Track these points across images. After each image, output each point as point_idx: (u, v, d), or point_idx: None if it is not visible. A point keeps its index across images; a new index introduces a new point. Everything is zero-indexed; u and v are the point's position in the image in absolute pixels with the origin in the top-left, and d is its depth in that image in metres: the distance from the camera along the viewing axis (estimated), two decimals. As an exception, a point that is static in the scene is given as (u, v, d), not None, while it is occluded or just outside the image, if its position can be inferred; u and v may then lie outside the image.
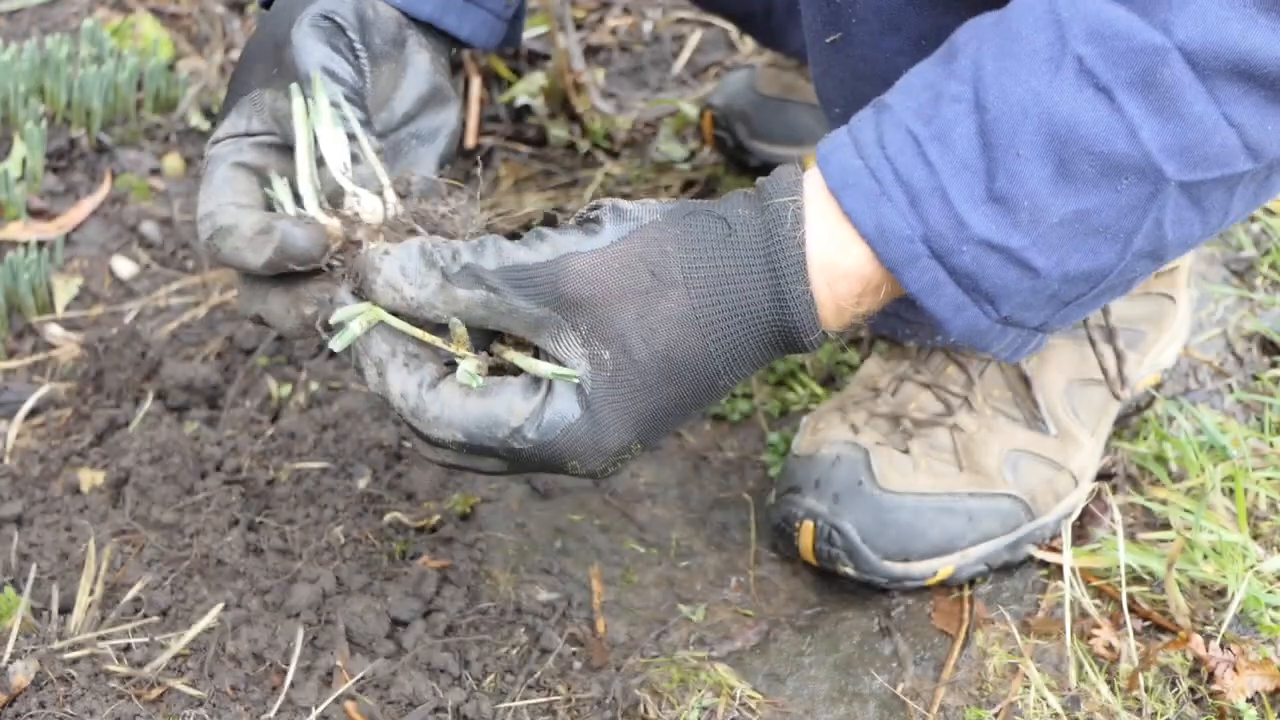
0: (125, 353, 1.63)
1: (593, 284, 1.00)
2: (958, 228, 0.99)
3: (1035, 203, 0.98)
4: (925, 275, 1.01)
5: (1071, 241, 1.00)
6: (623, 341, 1.00)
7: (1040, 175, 0.98)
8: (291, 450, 1.55)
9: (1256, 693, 1.37)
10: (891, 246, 1.00)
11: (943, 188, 0.99)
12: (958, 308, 1.02)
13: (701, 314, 1.01)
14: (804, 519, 1.44)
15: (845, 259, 1.02)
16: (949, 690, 1.39)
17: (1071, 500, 1.51)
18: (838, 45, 1.31)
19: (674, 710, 1.34)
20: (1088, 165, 0.98)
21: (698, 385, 1.03)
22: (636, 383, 1.01)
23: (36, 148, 1.93)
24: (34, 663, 1.28)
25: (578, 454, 1.02)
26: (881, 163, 1.00)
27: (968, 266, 1.00)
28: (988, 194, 0.99)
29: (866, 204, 1.00)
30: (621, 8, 2.47)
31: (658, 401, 1.02)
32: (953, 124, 0.99)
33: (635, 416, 1.02)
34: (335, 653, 1.33)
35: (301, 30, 1.17)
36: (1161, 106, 0.97)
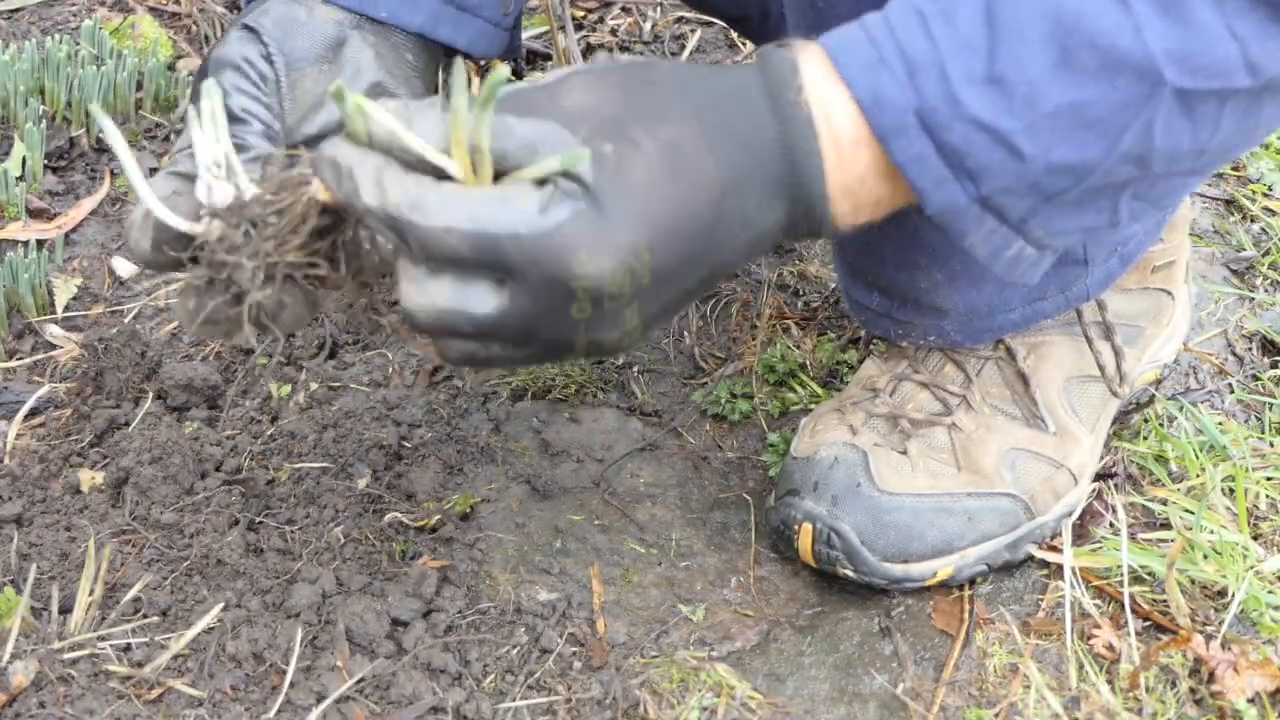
0: (125, 353, 1.63)
1: (590, 92, 0.97)
2: (952, 104, 0.99)
3: (1032, 89, 0.99)
4: (912, 147, 1.01)
5: (1061, 131, 1.01)
6: (624, 133, 0.95)
7: (1041, 62, 0.98)
8: (291, 450, 1.55)
9: (1257, 693, 1.37)
10: (884, 114, 1.00)
11: (941, 62, 0.99)
12: (939, 181, 1.02)
13: (701, 115, 0.98)
14: (803, 521, 1.44)
15: (839, 108, 1.01)
16: (949, 690, 1.39)
17: (1071, 499, 1.51)
18: None
19: (674, 710, 1.34)
20: (1089, 57, 0.98)
21: (705, 197, 0.97)
22: (641, 172, 0.95)
23: (36, 148, 1.93)
24: (34, 663, 1.28)
25: (586, 243, 0.93)
26: (884, 33, 1.01)
27: (956, 143, 1.00)
28: (986, 74, 0.99)
29: (864, 69, 1.00)
30: (621, 8, 2.47)
31: (666, 199, 0.96)
32: (958, 3, 1.00)
33: (644, 208, 0.95)
34: (335, 653, 1.33)
35: (222, 43, 1.22)
36: (1169, 9, 0.97)
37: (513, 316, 0.96)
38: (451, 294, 0.96)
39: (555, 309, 0.95)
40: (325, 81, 1.24)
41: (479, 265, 0.94)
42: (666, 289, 0.98)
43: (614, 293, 0.95)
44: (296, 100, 1.22)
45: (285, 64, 1.22)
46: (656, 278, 0.96)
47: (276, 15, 1.23)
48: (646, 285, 0.96)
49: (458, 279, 0.96)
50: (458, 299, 0.96)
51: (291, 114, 1.23)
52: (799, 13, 1.31)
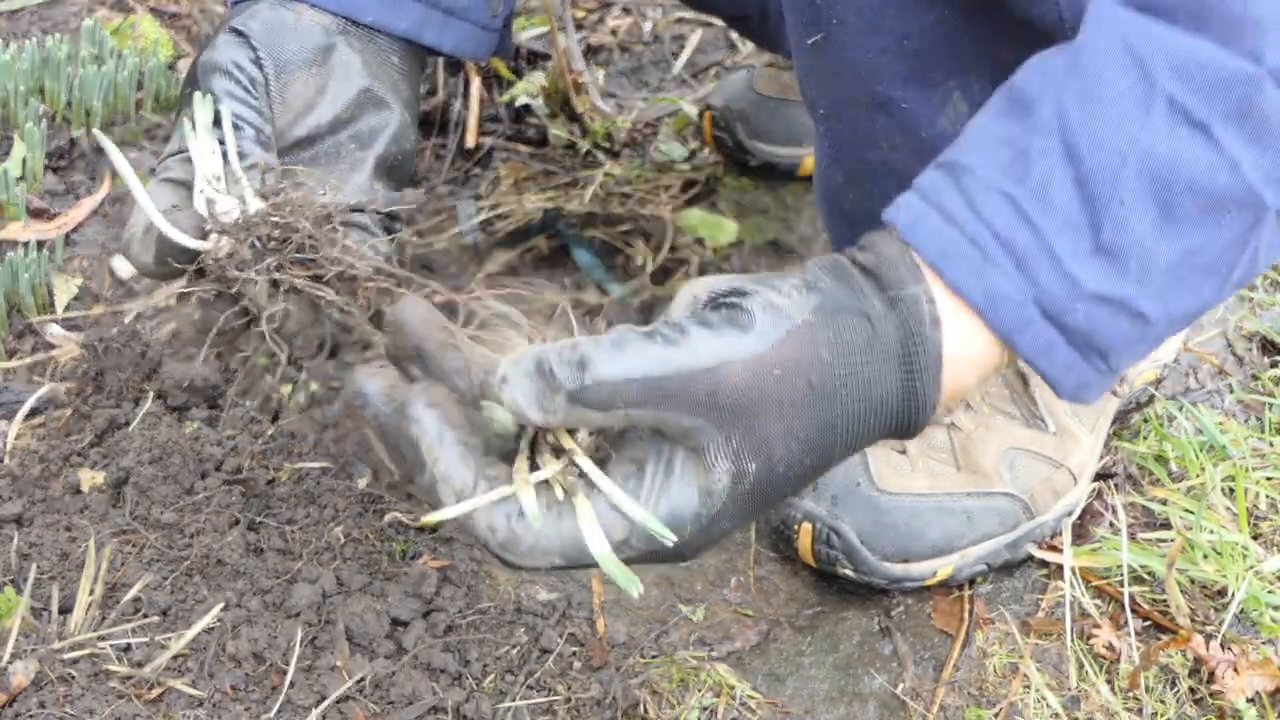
0: (125, 353, 1.63)
1: (752, 394, 0.93)
2: (1069, 286, 0.96)
3: (1143, 249, 0.96)
4: (1039, 338, 0.98)
5: (1179, 283, 0.98)
6: (769, 452, 0.95)
7: (1146, 221, 0.96)
8: (291, 450, 1.55)
9: (1256, 693, 1.37)
10: (1003, 314, 0.97)
11: (1049, 246, 0.96)
12: (1068, 367, 1.00)
13: (841, 420, 0.97)
14: (802, 521, 1.44)
15: (971, 349, 0.99)
16: (949, 690, 1.39)
17: (1071, 498, 1.51)
18: (819, 46, 1.31)
19: (674, 710, 1.34)
20: (1191, 204, 0.96)
21: (808, 482, 1.00)
22: (767, 491, 0.96)
23: (36, 148, 1.93)
24: (34, 663, 1.28)
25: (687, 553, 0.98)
26: (980, 228, 0.97)
27: (1081, 324, 0.98)
28: (1094, 247, 0.96)
29: (972, 273, 0.97)
30: (621, 8, 2.47)
31: (774, 503, 0.99)
32: (1048, 179, 0.96)
33: (748, 518, 0.98)
34: (335, 653, 1.33)
35: (210, 47, 1.22)
36: (1259, 135, 0.95)
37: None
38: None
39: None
40: (314, 85, 1.24)
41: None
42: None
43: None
44: (286, 104, 1.23)
45: (275, 68, 1.22)
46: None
47: (265, 20, 1.23)
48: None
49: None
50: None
51: (281, 117, 1.23)
52: (797, 12, 1.32)
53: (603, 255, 1.94)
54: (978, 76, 1.29)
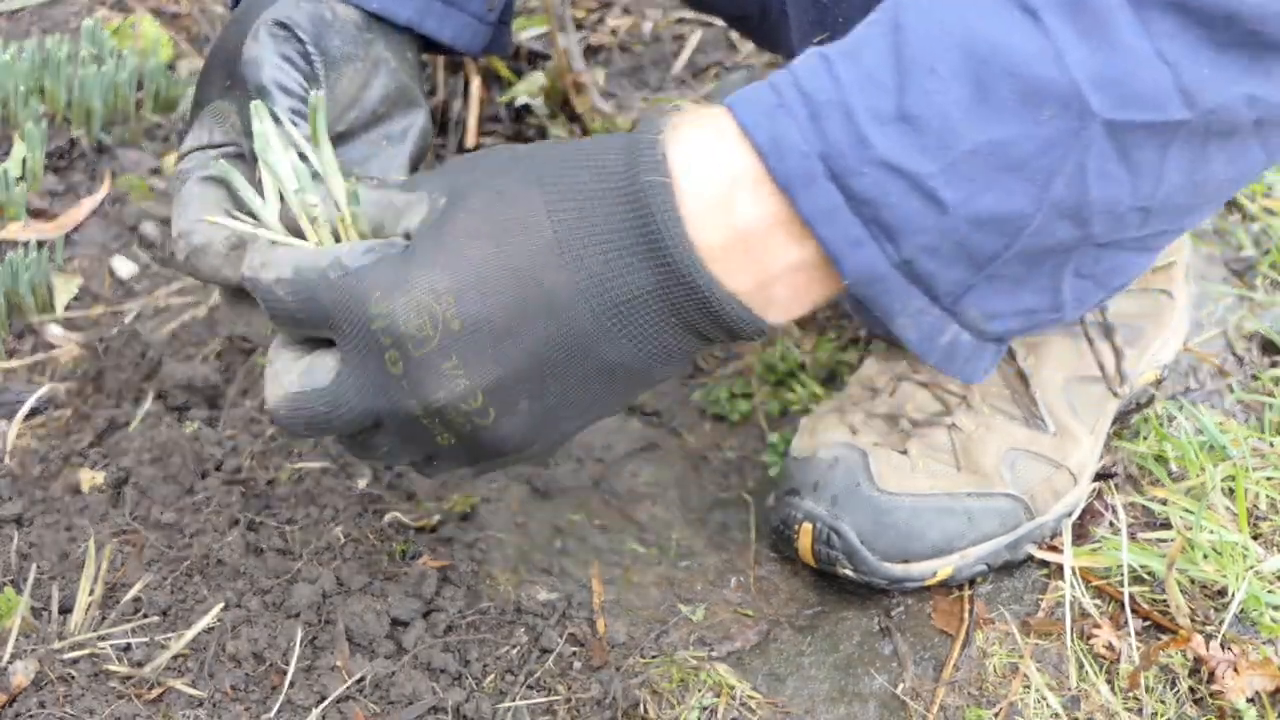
0: (125, 353, 1.63)
1: (459, 165, 0.99)
2: (859, 145, 0.91)
3: (947, 125, 0.90)
4: (821, 198, 0.92)
5: (984, 174, 0.91)
6: (462, 193, 0.96)
7: (955, 96, 0.90)
8: (291, 450, 1.55)
9: (1257, 693, 1.37)
10: (787, 161, 0.92)
11: (846, 102, 0.91)
12: (854, 241, 0.93)
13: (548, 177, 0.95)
14: (802, 521, 1.44)
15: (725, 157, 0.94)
16: (949, 690, 1.39)
17: (1071, 498, 1.51)
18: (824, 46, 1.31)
19: (674, 710, 1.34)
20: (1008, 90, 0.90)
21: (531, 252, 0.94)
22: (459, 224, 0.94)
23: (36, 148, 1.93)
24: (34, 663, 1.28)
25: (380, 284, 0.94)
26: (787, 80, 0.94)
27: (868, 191, 0.91)
28: (896, 111, 0.91)
29: (763, 115, 0.93)
30: (621, 8, 2.47)
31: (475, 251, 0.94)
32: (865, 42, 0.93)
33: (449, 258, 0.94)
34: (335, 653, 1.33)
35: (254, 40, 1.18)
36: (1090, 31, 0.90)
37: (348, 381, 0.97)
38: (299, 375, 0.99)
39: (372, 363, 0.96)
40: (359, 81, 1.22)
41: (308, 323, 0.98)
42: (497, 346, 0.95)
43: (413, 334, 0.94)
44: (335, 99, 1.20)
45: (325, 63, 1.20)
46: (470, 326, 0.94)
47: (308, 14, 1.20)
48: (457, 331, 0.94)
49: (303, 359, 0.99)
50: (304, 378, 0.99)
51: (330, 112, 1.21)
52: (801, 10, 1.31)
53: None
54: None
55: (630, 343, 0.97)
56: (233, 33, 1.22)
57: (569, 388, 0.98)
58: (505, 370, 0.96)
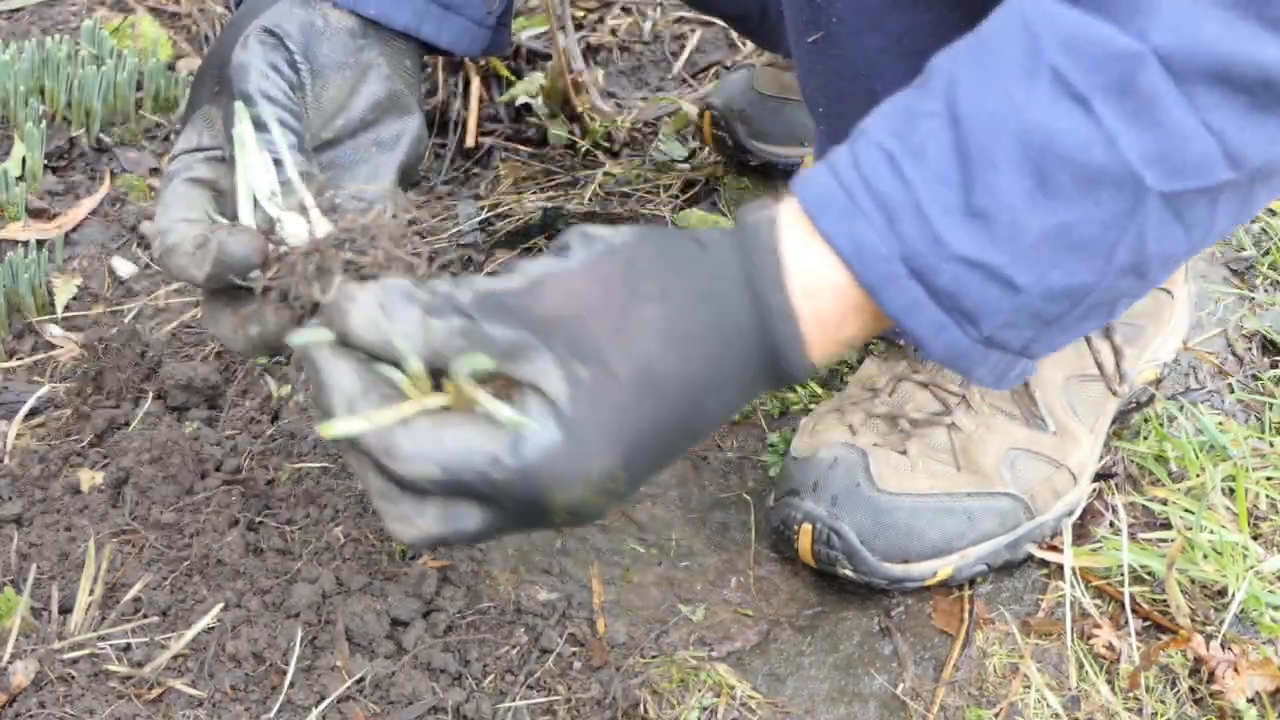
0: (125, 353, 1.63)
1: (568, 300, 0.96)
2: (935, 245, 0.96)
3: (1014, 217, 0.96)
4: (904, 295, 0.98)
5: (1052, 257, 0.97)
6: (600, 357, 0.95)
7: (1018, 188, 0.95)
8: (291, 450, 1.55)
9: (1257, 693, 1.37)
10: (869, 265, 0.97)
11: (918, 202, 0.96)
12: (938, 328, 0.99)
13: (678, 327, 0.96)
14: (802, 522, 1.44)
15: (823, 272, 0.99)
16: (949, 690, 1.39)
17: (1071, 498, 1.51)
18: (819, 45, 1.31)
19: (674, 710, 1.34)
20: (1066, 176, 0.95)
21: (680, 405, 0.97)
22: (617, 399, 0.95)
23: (36, 148, 1.93)
24: (34, 663, 1.29)
25: (560, 479, 0.94)
26: (855, 180, 0.98)
27: (947, 285, 0.97)
28: (965, 208, 0.96)
29: (842, 221, 0.97)
30: (621, 8, 2.47)
31: (639, 421, 0.96)
32: (927, 138, 0.97)
33: (617, 436, 0.95)
34: (335, 653, 1.33)
35: (243, 48, 1.20)
36: (1139, 114, 0.95)
37: (497, 527, 0.98)
38: (438, 520, 0.97)
39: (536, 520, 0.98)
40: (346, 89, 1.23)
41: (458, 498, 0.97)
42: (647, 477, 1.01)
43: (590, 511, 0.97)
44: (321, 107, 1.22)
45: (310, 71, 1.21)
46: (632, 483, 0.98)
47: (299, 22, 1.21)
48: (622, 492, 0.98)
49: (442, 505, 0.97)
50: (447, 526, 0.98)
51: (314, 120, 1.22)
52: (796, 11, 1.32)
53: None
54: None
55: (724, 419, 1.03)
56: (227, 37, 1.23)
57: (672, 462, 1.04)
58: (643, 484, 1.02)
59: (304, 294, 1.10)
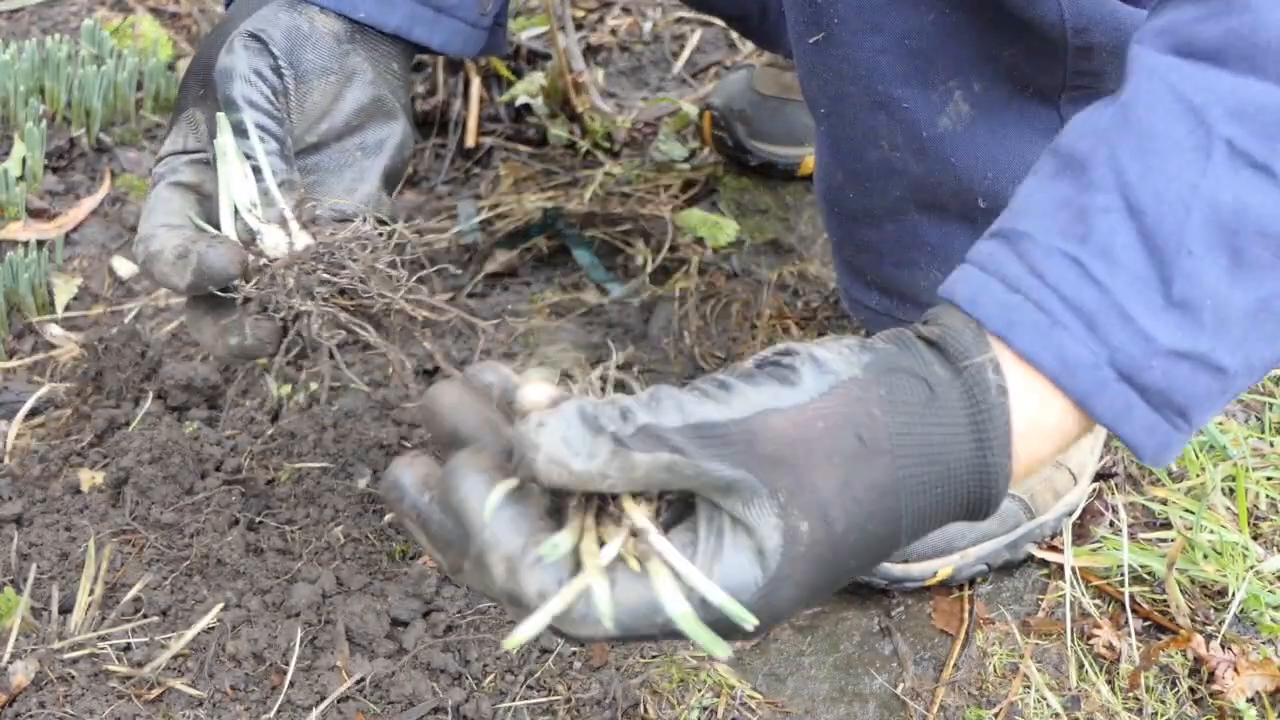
0: (125, 353, 1.63)
1: (796, 446, 0.88)
2: (1144, 343, 0.92)
3: (1217, 300, 0.93)
4: (1117, 401, 0.94)
5: (1257, 332, 0.95)
6: (824, 512, 0.88)
7: (1217, 270, 0.92)
8: (291, 450, 1.55)
9: (1256, 693, 1.37)
10: (1077, 378, 0.93)
11: (1119, 304, 0.92)
12: (1150, 429, 0.95)
13: (904, 485, 0.92)
14: (804, 519, 1.43)
15: (1046, 418, 0.95)
16: (949, 690, 1.39)
17: (1071, 498, 1.51)
18: (820, 46, 1.31)
19: (674, 710, 1.34)
20: (1262, 249, 0.93)
21: (880, 553, 0.93)
22: (829, 556, 0.89)
23: (36, 148, 1.93)
24: (34, 663, 1.29)
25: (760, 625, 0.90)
26: (1045, 292, 0.93)
27: (1158, 382, 0.93)
28: (1166, 302, 0.92)
29: (1040, 338, 0.93)
30: (621, 8, 2.47)
31: (842, 572, 0.92)
32: (1111, 236, 0.93)
33: (817, 587, 0.91)
34: (335, 653, 1.33)
35: (228, 52, 1.20)
36: None
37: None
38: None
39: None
40: (331, 94, 1.23)
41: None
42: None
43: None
44: (304, 112, 1.22)
45: (295, 76, 1.21)
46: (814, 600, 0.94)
47: (284, 26, 1.21)
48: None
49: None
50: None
51: (298, 125, 1.22)
52: (798, 11, 1.32)
53: (603, 255, 1.94)
54: (978, 76, 1.29)
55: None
56: (213, 40, 1.24)
57: None
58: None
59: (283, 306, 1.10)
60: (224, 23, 1.24)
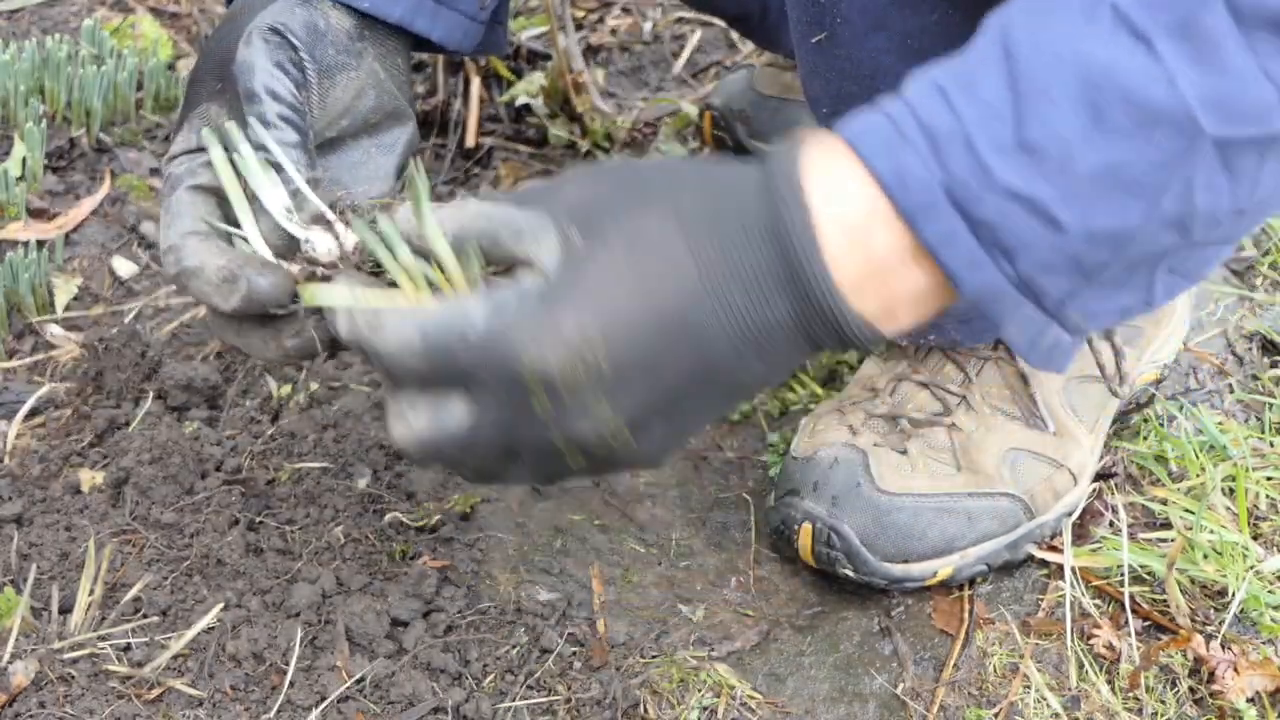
0: (125, 353, 1.63)
1: (581, 186, 0.98)
2: (981, 175, 0.94)
3: (1066, 151, 0.94)
4: (943, 225, 0.95)
5: (1099, 195, 0.95)
6: (596, 223, 0.95)
7: (1073, 123, 0.94)
8: (291, 450, 1.55)
9: (1257, 693, 1.37)
10: (909, 192, 0.95)
11: (967, 133, 0.94)
12: (973, 263, 0.97)
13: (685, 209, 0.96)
14: (803, 522, 1.44)
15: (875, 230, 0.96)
16: (949, 690, 1.39)
17: (1071, 498, 1.51)
18: (823, 45, 1.31)
19: (674, 710, 1.34)
20: (1123, 114, 0.93)
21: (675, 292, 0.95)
22: (601, 261, 0.94)
23: (36, 148, 1.93)
24: (34, 663, 1.29)
25: (532, 336, 0.93)
26: (903, 111, 0.97)
27: (989, 216, 0.95)
28: (1016, 141, 0.94)
29: (885, 149, 0.96)
30: (621, 8, 2.47)
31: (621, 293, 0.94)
32: (980, 72, 0.96)
33: (596, 300, 0.94)
34: (335, 653, 1.33)
35: (247, 45, 1.18)
36: (1201, 56, 0.93)
37: (485, 425, 0.97)
38: (429, 419, 0.98)
39: (518, 407, 0.95)
40: (352, 90, 1.23)
41: (442, 379, 0.96)
42: (642, 382, 0.96)
43: (566, 380, 0.94)
44: (326, 108, 1.21)
45: (317, 71, 1.20)
46: (619, 368, 0.95)
47: (302, 21, 1.20)
48: (608, 374, 0.95)
49: (431, 402, 0.97)
50: (435, 422, 0.97)
51: (319, 120, 1.22)
52: (800, 11, 1.32)
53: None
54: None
55: (762, 365, 0.99)
56: (225, 35, 1.22)
57: (699, 408, 1.01)
58: (648, 402, 0.98)
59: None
60: (232, 18, 1.23)
